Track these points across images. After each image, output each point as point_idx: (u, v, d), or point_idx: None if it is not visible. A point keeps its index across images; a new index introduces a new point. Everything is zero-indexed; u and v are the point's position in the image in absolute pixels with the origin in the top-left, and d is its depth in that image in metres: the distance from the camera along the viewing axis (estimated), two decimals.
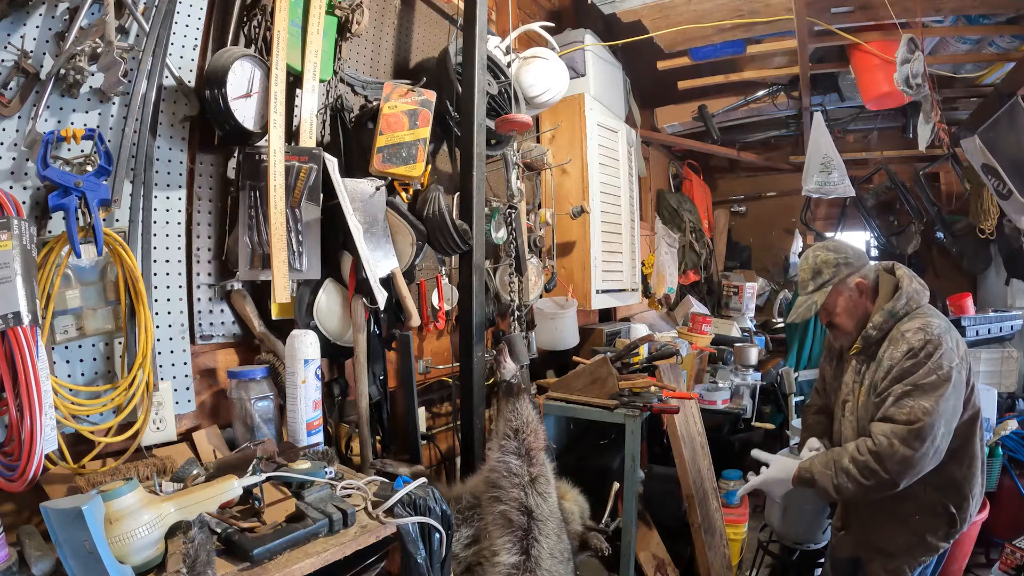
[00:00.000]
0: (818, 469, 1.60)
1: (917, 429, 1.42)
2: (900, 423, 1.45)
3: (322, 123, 1.64)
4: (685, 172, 4.76)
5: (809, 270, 1.70)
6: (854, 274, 1.66)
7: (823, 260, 1.68)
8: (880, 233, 4.66)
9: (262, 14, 1.46)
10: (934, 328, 1.52)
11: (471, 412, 1.73)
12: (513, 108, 2.11)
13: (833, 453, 1.61)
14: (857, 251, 1.73)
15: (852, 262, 1.67)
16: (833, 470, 1.55)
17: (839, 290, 1.66)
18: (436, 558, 1.16)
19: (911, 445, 1.42)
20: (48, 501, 0.81)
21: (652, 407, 2.08)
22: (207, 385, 1.43)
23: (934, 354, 1.48)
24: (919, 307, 1.61)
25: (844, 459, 1.54)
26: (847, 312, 1.67)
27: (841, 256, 1.67)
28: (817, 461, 1.62)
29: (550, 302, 2.62)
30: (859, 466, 1.49)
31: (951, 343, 1.51)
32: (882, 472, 1.46)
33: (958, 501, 1.60)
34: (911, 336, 1.52)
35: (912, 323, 1.55)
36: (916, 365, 1.49)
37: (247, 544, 0.90)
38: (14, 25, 1.07)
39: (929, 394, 1.45)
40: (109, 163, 1.13)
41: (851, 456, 1.53)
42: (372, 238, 1.59)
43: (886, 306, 1.60)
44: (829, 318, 1.71)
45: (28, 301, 0.94)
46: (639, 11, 2.93)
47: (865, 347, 1.66)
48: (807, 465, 1.64)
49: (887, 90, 3.03)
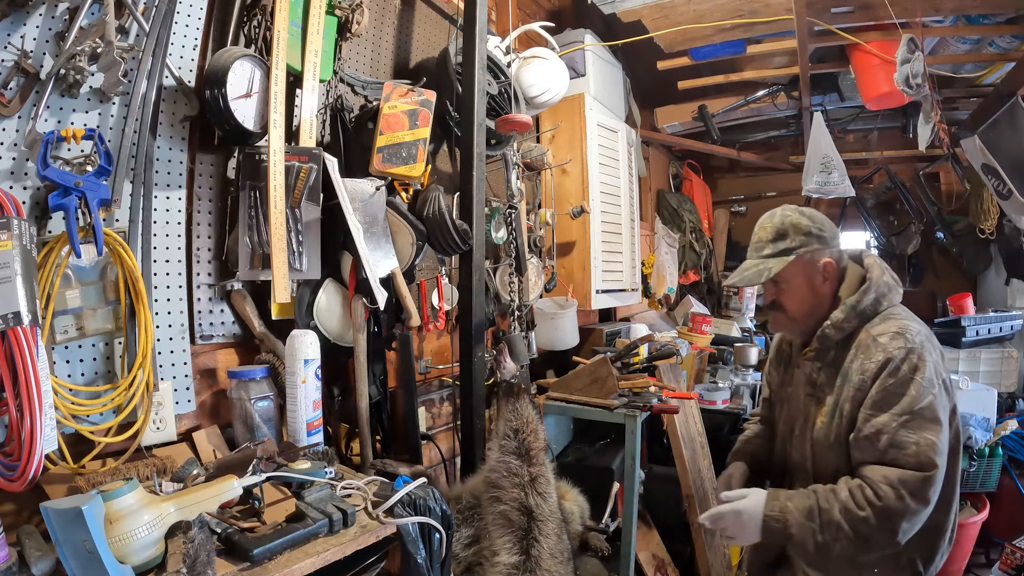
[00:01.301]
0: (796, 520, 1.20)
1: (931, 478, 1.11)
2: (910, 468, 1.13)
3: (322, 123, 1.64)
4: (685, 172, 4.76)
5: (772, 229, 1.34)
6: (824, 252, 1.32)
7: (793, 223, 1.32)
8: (880, 233, 4.66)
9: (262, 14, 1.46)
10: (914, 334, 1.21)
11: (471, 412, 1.73)
12: (513, 108, 2.11)
13: (817, 498, 1.20)
14: (835, 230, 1.38)
15: (828, 238, 1.33)
16: (818, 523, 1.17)
17: (802, 264, 1.31)
18: (436, 558, 1.16)
19: (925, 497, 1.11)
20: (48, 501, 0.81)
21: (652, 407, 2.08)
22: (207, 385, 1.43)
23: (920, 368, 1.17)
24: (891, 306, 1.30)
25: (834, 510, 1.16)
26: (802, 295, 1.33)
27: (816, 226, 1.32)
28: (794, 508, 1.21)
29: (550, 302, 2.62)
30: (855, 523, 1.14)
31: (935, 355, 1.22)
32: (888, 533, 1.12)
33: (927, 555, 1.29)
34: (888, 343, 1.20)
35: (886, 326, 1.23)
36: (902, 384, 1.17)
37: (247, 544, 0.90)
38: (14, 25, 1.07)
39: (931, 424, 1.14)
40: (109, 163, 1.13)
41: (843, 507, 1.15)
42: (372, 238, 1.59)
43: (849, 300, 1.28)
44: (776, 296, 1.36)
45: (28, 301, 0.94)
46: (639, 11, 2.93)
47: (822, 350, 1.32)
48: (778, 512, 1.22)
49: (887, 90, 3.03)
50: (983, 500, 2.68)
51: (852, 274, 1.33)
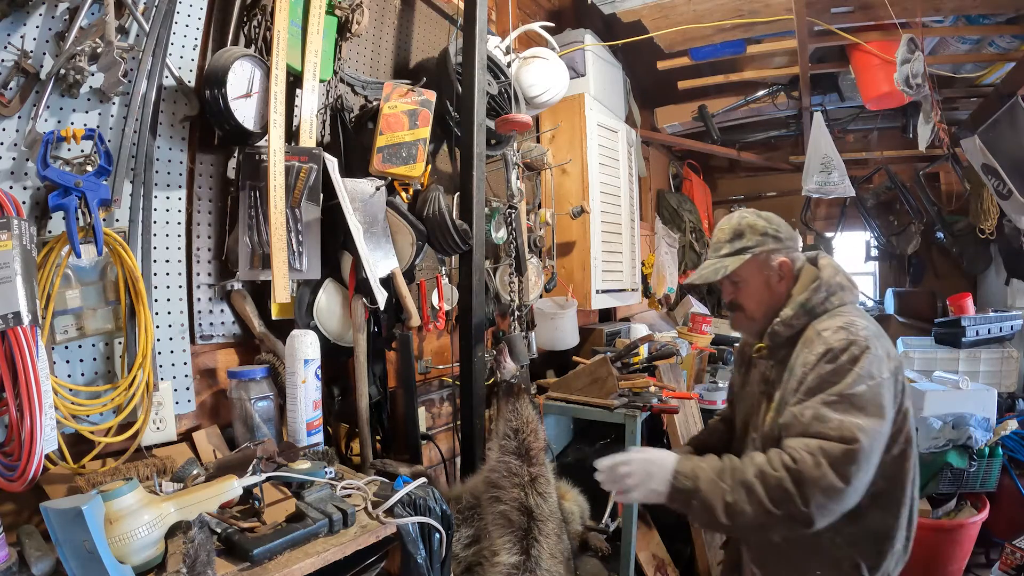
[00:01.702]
0: (706, 477, 1.13)
1: (853, 452, 1.05)
2: (830, 438, 1.08)
3: (322, 123, 1.64)
4: (685, 172, 4.76)
5: (729, 231, 1.37)
6: (780, 252, 1.33)
7: (749, 223, 1.35)
8: (880, 233, 4.66)
9: (262, 14, 1.46)
10: (859, 329, 1.19)
11: (471, 412, 1.73)
12: (513, 108, 2.11)
13: (731, 460, 1.16)
14: (791, 231, 1.40)
15: (783, 238, 1.35)
16: (729, 483, 1.11)
17: (758, 263, 1.33)
18: (436, 558, 1.16)
19: (844, 472, 1.05)
20: (48, 501, 0.81)
21: (652, 407, 2.08)
22: (207, 385, 1.43)
23: (860, 358, 1.14)
24: (843, 305, 1.29)
25: (748, 471, 1.11)
26: (759, 295, 1.35)
27: (772, 227, 1.35)
28: (705, 466, 1.16)
29: (550, 302, 2.63)
30: (769, 485, 1.08)
31: (881, 352, 1.18)
32: (799, 500, 1.05)
33: (874, 560, 1.22)
34: (830, 336, 1.19)
35: (831, 322, 1.23)
36: (838, 371, 1.15)
37: (247, 544, 0.90)
38: (14, 25, 1.07)
39: (861, 409, 1.10)
40: (109, 163, 1.13)
41: (759, 469, 1.10)
42: (372, 238, 1.59)
43: (799, 298, 1.28)
44: (734, 295, 1.38)
45: (28, 301, 0.94)
46: (639, 11, 2.93)
47: (773, 348, 1.33)
48: (688, 469, 1.15)
49: (887, 90, 3.03)
50: (983, 500, 2.68)
51: (806, 275, 1.34)
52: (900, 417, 1.20)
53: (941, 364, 3.31)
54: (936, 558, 2.58)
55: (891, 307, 4.36)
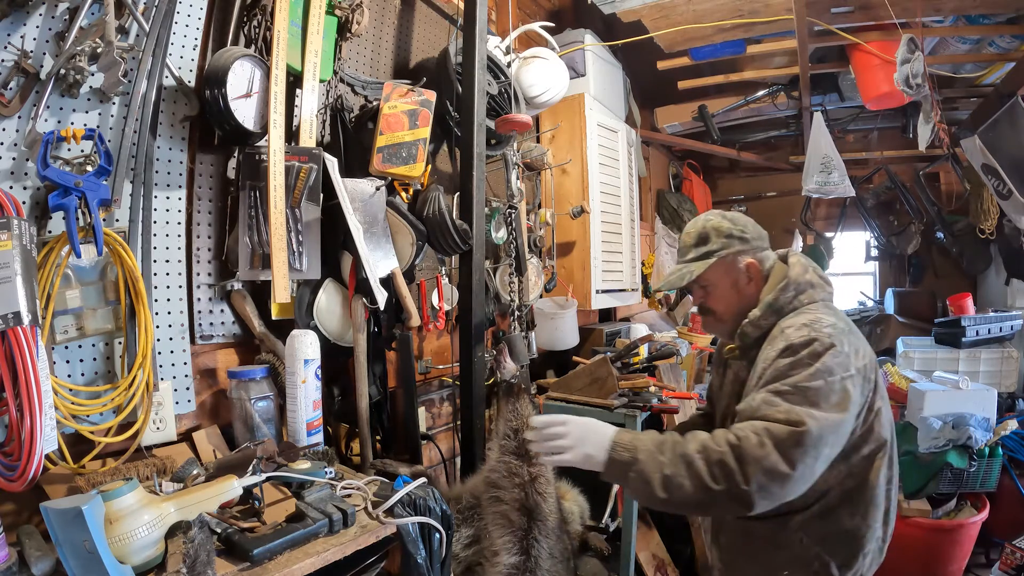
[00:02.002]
0: (646, 448, 1.09)
1: (799, 435, 1.01)
2: (777, 420, 1.04)
3: (322, 123, 1.64)
4: (685, 172, 4.76)
5: (694, 235, 1.35)
6: (747, 253, 1.31)
7: (714, 226, 1.33)
8: (880, 233, 4.66)
9: (262, 14, 1.46)
10: (823, 325, 1.15)
11: (471, 412, 1.73)
12: (513, 108, 2.11)
13: (672, 436, 1.12)
14: (759, 231, 1.36)
15: (750, 239, 1.32)
16: (669, 456, 1.06)
17: (725, 266, 1.31)
18: (436, 558, 1.16)
19: (788, 455, 1.00)
20: (48, 501, 0.81)
21: (652, 407, 2.08)
22: (207, 385, 1.43)
23: (822, 355, 1.09)
24: (813, 303, 1.25)
25: (689, 446, 1.07)
26: (727, 297, 1.32)
27: (737, 228, 1.32)
28: (646, 439, 1.11)
29: (550, 302, 2.62)
30: (710, 460, 1.04)
31: (848, 348, 1.13)
32: (739, 478, 1.01)
33: (844, 559, 1.18)
34: (792, 332, 1.16)
35: (796, 319, 1.20)
36: (795, 365, 1.10)
37: (247, 544, 0.90)
38: (14, 25, 1.07)
39: (813, 403, 1.05)
40: (109, 163, 1.13)
41: (701, 444, 1.06)
42: (372, 238, 1.59)
43: (767, 298, 1.26)
44: (703, 299, 1.36)
45: (28, 301, 0.94)
46: (639, 11, 2.93)
47: (743, 349, 1.31)
48: (628, 439, 1.11)
49: (887, 90, 3.03)
50: (983, 500, 2.68)
51: (776, 273, 1.31)
52: (872, 416, 1.17)
53: (941, 364, 3.31)
54: (936, 558, 2.58)
55: (891, 307, 4.36)
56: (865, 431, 1.17)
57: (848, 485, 1.17)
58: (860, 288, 5.11)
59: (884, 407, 1.20)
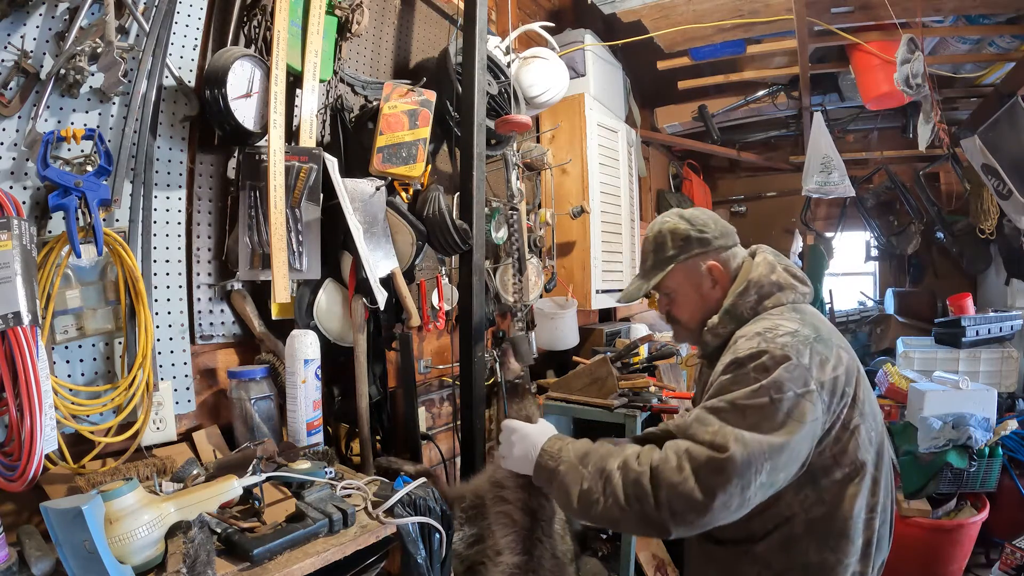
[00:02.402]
0: (568, 459, 1.04)
1: (721, 462, 0.91)
2: (701, 442, 0.95)
3: (322, 123, 1.64)
4: (685, 172, 4.76)
5: (651, 241, 1.24)
6: (709, 254, 1.19)
7: (670, 229, 1.21)
8: (880, 233, 4.66)
9: (262, 14, 1.46)
10: (779, 333, 1.02)
11: (471, 412, 1.73)
12: (513, 108, 2.11)
13: (602, 446, 1.06)
14: (724, 228, 1.23)
15: (710, 239, 1.19)
16: (590, 469, 1.01)
17: (685, 271, 1.20)
18: (436, 558, 1.16)
19: (705, 483, 0.91)
20: (48, 501, 0.81)
21: (652, 407, 2.09)
22: (207, 385, 1.43)
23: (772, 370, 0.97)
24: (779, 307, 1.12)
25: (613, 460, 1.00)
26: (692, 304, 1.21)
27: (696, 228, 1.19)
28: (574, 448, 1.06)
29: (550, 302, 2.62)
30: (628, 479, 0.97)
31: (809, 360, 0.99)
32: (651, 502, 0.94)
33: None
34: (742, 344, 1.04)
35: (752, 327, 1.07)
36: (738, 380, 0.99)
37: (247, 544, 0.90)
38: (14, 25, 1.07)
39: (751, 425, 0.94)
40: (109, 163, 1.13)
41: (624, 461, 0.99)
42: (372, 238, 1.59)
43: (726, 303, 1.15)
44: (668, 307, 1.26)
45: (28, 301, 0.94)
46: (639, 11, 2.93)
47: (707, 359, 1.22)
48: (555, 448, 1.07)
49: (887, 90, 3.03)
50: (983, 500, 2.68)
51: (743, 273, 1.19)
52: (846, 435, 1.03)
53: (941, 364, 3.31)
54: (936, 558, 2.58)
55: (891, 307, 4.36)
56: (837, 452, 1.03)
57: (815, 513, 1.03)
58: (860, 288, 5.11)
59: (865, 425, 1.05)
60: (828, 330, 1.10)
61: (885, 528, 1.11)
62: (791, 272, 1.17)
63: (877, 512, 1.07)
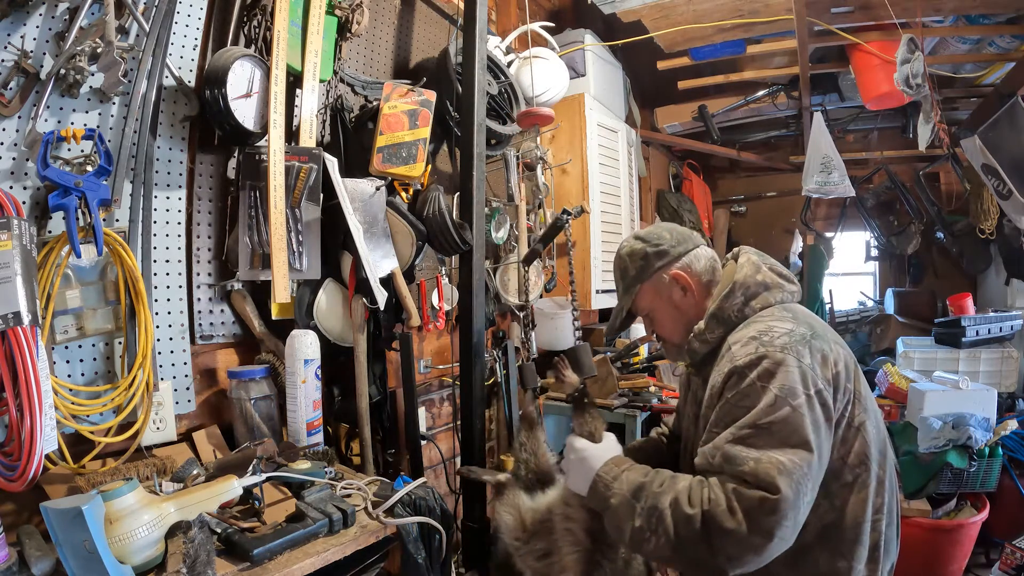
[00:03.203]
0: (621, 492, 1.00)
1: (773, 503, 0.86)
2: (748, 485, 0.89)
3: (322, 123, 1.64)
4: (685, 172, 4.76)
5: (617, 270, 1.25)
6: (671, 264, 1.18)
7: (628, 252, 1.22)
8: (880, 233, 4.66)
9: (262, 14, 1.47)
10: (776, 335, 0.99)
11: (471, 412, 1.73)
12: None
13: (656, 479, 1.00)
14: (681, 234, 1.22)
15: (667, 249, 1.18)
16: (643, 505, 0.97)
17: (652, 289, 1.20)
18: (436, 558, 1.16)
19: (760, 525, 0.87)
20: (48, 501, 0.81)
21: (652, 407, 2.09)
22: (207, 385, 1.43)
23: (775, 374, 0.94)
24: (768, 307, 1.09)
25: (665, 497, 0.95)
26: (670, 317, 1.20)
27: (651, 244, 1.19)
28: (626, 479, 1.02)
29: (550, 302, 2.63)
30: (680, 520, 0.92)
31: (810, 359, 0.97)
32: (704, 547, 0.90)
33: None
34: (738, 350, 1.00)
35: (745, 331, 1.04)
36: (747, 394, 0.95)
37: (247, 544, 0.90)
38: (14, 25, 1.07)
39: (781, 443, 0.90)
40: (109, 163, 1.13)
41: (674, 498, 0.94)
42: (372, 238, 1.59)
43: (711, 307, 1.12)
44: (652, 328, 1.26)
45: (28, 301, 0.94)
46: (639, 11, 2.93)
47: (696, 367, 1.18)
48: (611, 477, 1.03)
49: (887, 90, 3.03)
50: (983, 500, 2.67)
51: (726, 276, 1.17)
52: (851, 433, 1.00)
53: (941, 364, 3.31)
54: (936, 558, 2.57)
55: (891, 307, 4.36)
56: (845, 453, 1.00)
57: (827, 520, 1.00)
58: (860, 288, 5.11)
59: (870, 422, 1.02)
60: (822, 327, 1.08)
61: (892, 530, 1.08)
62: (777, 271, 1.15)
63: (883, 513, 1.04)
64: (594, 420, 1.19)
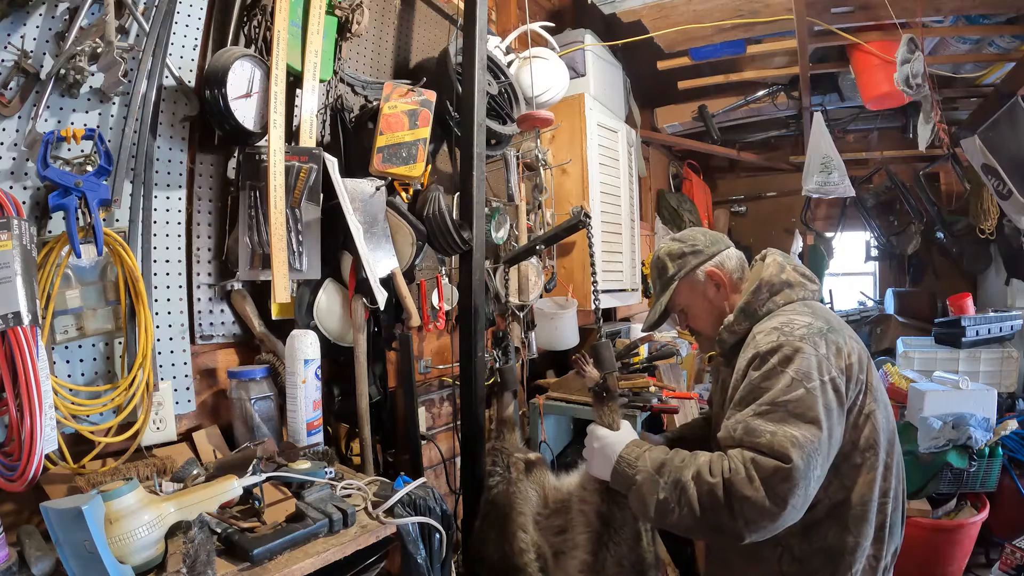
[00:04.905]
0: (646, 469, 1.10)
1: (786, 471, 0.96)
2: (763, 453, 1.00)
3: (322, 123, 1.64)
4: (685, 172, 4.76)
5: (655, 269, 1.37)
6: (705, 263, 1.30)
7: (666, 252, 1.35)
8: (880, 233, 4.67)
9: (262, 14, 1.46)
10: (796, 327, 1.09)
11: (471, 412, 1.73)
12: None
13: (677, 455, 1.10)
14: (713, 236, 1.35)
15: (702, 249, 1.31)
16: (666, 479, 1.06)
17: (688, 285, 1.31)
18: (436, 558, 1.16)
19: (776, 492, 0.96)
20: (48, 501, 0.81)
21: (652, 407, 2.09)
22: (207, 385, 1.43)
23: (793, 359, 1.04)
24: (790, 303, 1.20)
25: (687, 471, 1.05)
26: (704, 312, 1.32)
27: (688, 245, 1.32)
28: (651, 457, 1.12)
29: (550, 302, 2.62)
30: (703, 490, 1.02)
31: (826, 350, 1.07)
32: (726, 513, 0.99)
33: None
34: (761, 338, 1.11)
35: (769, 323, 1.15)
36: (768, 376, 1.05)
37: (247, 544, 0.90)
38: (14, 25, 1.07)
39: (796, 419, 1.00)
40: (109, 163, 1.13)
41: (697, 471, 1.04)
42: (372, 238, 1.59)
43: (740, 302, 1.24)
44: (687, 323, 1.38)
45: (28, 301, 0.94)
46: (639, 11, 2.93)
47: (725, 357, 1.30)
48: (634, 456, 1.13)
49: (887, 90, 3.03)
50: (983, 500, 2.68)
51: (754, 274, 1.29)
52: (862, 420, 1.10)
53: (941, 364, 3.31)
54: (936, 558, 2.58)
55: (891, 307, 4.36)
56: (856, 437, 1.10)
57: (837, 498, 1.10)
58: (860, 288, 5.12)
59: (880, 411, 1.12)
60: (838, 323, 1.18)
61: (897, 515, 1.18)
62: (800, 271, 1.27)
63: (890, 498, 1.13)
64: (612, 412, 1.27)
